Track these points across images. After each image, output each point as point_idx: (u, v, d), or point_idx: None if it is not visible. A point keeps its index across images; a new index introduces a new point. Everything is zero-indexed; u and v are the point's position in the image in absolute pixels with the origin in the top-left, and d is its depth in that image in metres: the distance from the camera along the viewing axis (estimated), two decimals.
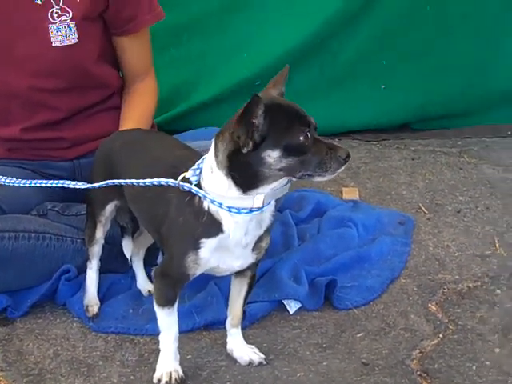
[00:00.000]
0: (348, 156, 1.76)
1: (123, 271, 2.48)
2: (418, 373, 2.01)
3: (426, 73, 3.89)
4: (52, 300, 2.37)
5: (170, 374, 1.98)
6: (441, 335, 2.17)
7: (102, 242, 2.30)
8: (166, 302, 1.95)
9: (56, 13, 2.44)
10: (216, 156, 1.81)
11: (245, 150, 1.74)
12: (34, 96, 2.54)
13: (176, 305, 1.96)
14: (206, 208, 1.83)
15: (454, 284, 2.45)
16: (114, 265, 2.47)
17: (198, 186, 1.84)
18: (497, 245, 2.70)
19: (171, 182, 1.88)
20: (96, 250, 2.30)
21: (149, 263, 2.45)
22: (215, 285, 2.32)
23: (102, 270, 2.38)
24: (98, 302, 2.32)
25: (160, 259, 2.58)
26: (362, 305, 2.34)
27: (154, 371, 2.01)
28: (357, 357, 2.09)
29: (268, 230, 1.91)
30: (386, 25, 3.83)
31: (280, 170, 1.76)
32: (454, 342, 2.14)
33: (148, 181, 1.92)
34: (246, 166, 1.77)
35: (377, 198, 3.14)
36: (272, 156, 1.74)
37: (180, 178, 1.86)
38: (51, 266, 2.36)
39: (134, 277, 2.44)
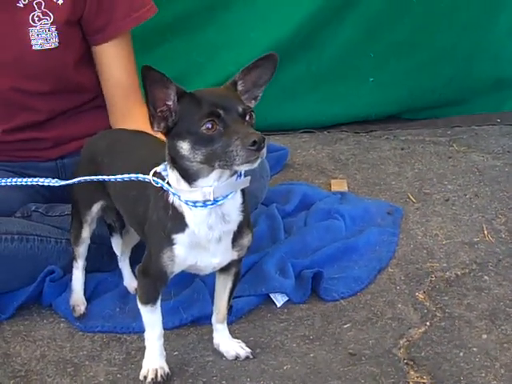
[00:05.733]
0: (256, 142, 1.63)
1: (110, 270, 2.47)
2: (405, 361, 2.00)
3: (413, 64, 3.88)
4: (39, 301, 2.35)
5: (156, 370, 1.97)
6: (428, 323, 2.17)
7: (88, 241, 2.29)
8: (149, 300, 1.94)
9: (37, 16, 2.42)
10: (166, 149, 1.82)
11: (155, 129, 1.74)
12: (15, 98, 2.53)
13: (159, 302, 1.95)
14: (171, 202, 1.83)
15: (442, 272, 2.44)
16: (101, 264, 2.47)
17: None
18: (485, 231, 2.69)
19: (141, 176, 1.87)
20: (82, 249, 2.29)
21: (136, 261, 2.43)
22: (201, 281, 2.31)
23: (89, 270, 2.38)
24: (85, 301, 2.31)
25: None
26: (349, 296, 2.33)
27: (140, 369, 2.00)
28: (343, 347, 2.08)
29: (248, 227, 1.89)
30: (372, 17, 3.82)
31: (200, 162, 1.71)
32: (441, 329, 2.13)
33: (119, 177, 1.91)
34: (175, 158, 1.76)
35: (365, 189, 3.13)
36: (184, 147, 1.71)
37: (152, 172, 1.85)
38: (36, 267, 2.34)
39: (121, 275, 2.43)
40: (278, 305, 2.30)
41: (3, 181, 2.02)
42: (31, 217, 2.48)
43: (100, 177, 1.98)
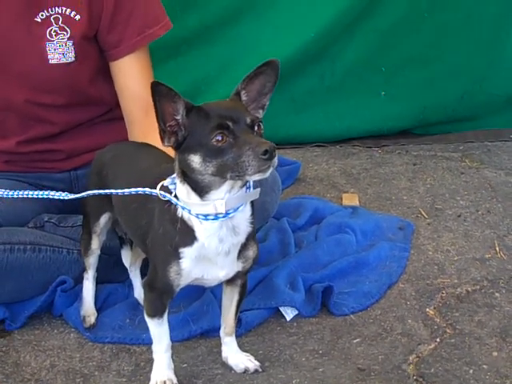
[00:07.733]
0: (268, 151, 1.64)
1: (121, 281, 2.48)
2: (415, 377, 1.99)
3: (425, 79, 3.88)
4: (50, 311, 2.37)
5: (164, 382, 1.97)
6: (438, 339, 2.16)
7: (98, 252, 2.30)
8: (155, 313, 1.94)
9: (54, 31, 2.43)
10: (175, 163, 1.82)
11: (165, 144, 1.74)
12: (30, 110, 2.55)
13: (165, 315, 1.95)
14: (180, 215, 1.83)
15: (453, 288, 2.43)
16: (112, 275, 2.47)
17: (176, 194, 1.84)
18: (497, 248, 2.68)
19: (148, 190, 1.87)
20: (92, 260, 2.31)
21: (146, 273, 2.44)
22: (211, 292, 2.31)
23: (100, 280, 2.39)
24: (96, 312, 2.33)
25: None
26: (359, 310, 2.32)
27: (149, 380, 2.00)
28: (353, 362, 2.08)
29: (253, 238, 1.90)
30: (385, 32, 3.83)
31: (212, 174, 1.72)
32: (451, 346, 2.12)
33: (127, 190, 1.91)
34: (187, 172, 1.76)
35: (377, 204, 3.13)
36: (195, 161, 1.72)
37: (159, 185, 1.86)
38: (48, 277, 2.36)
39: (131, 286, 2.44)
40: (288, 318, 2.30)
41: (15, 193, 2.04)
42: (44, 227, 2.50)
43: (108, 190, 1.99)
